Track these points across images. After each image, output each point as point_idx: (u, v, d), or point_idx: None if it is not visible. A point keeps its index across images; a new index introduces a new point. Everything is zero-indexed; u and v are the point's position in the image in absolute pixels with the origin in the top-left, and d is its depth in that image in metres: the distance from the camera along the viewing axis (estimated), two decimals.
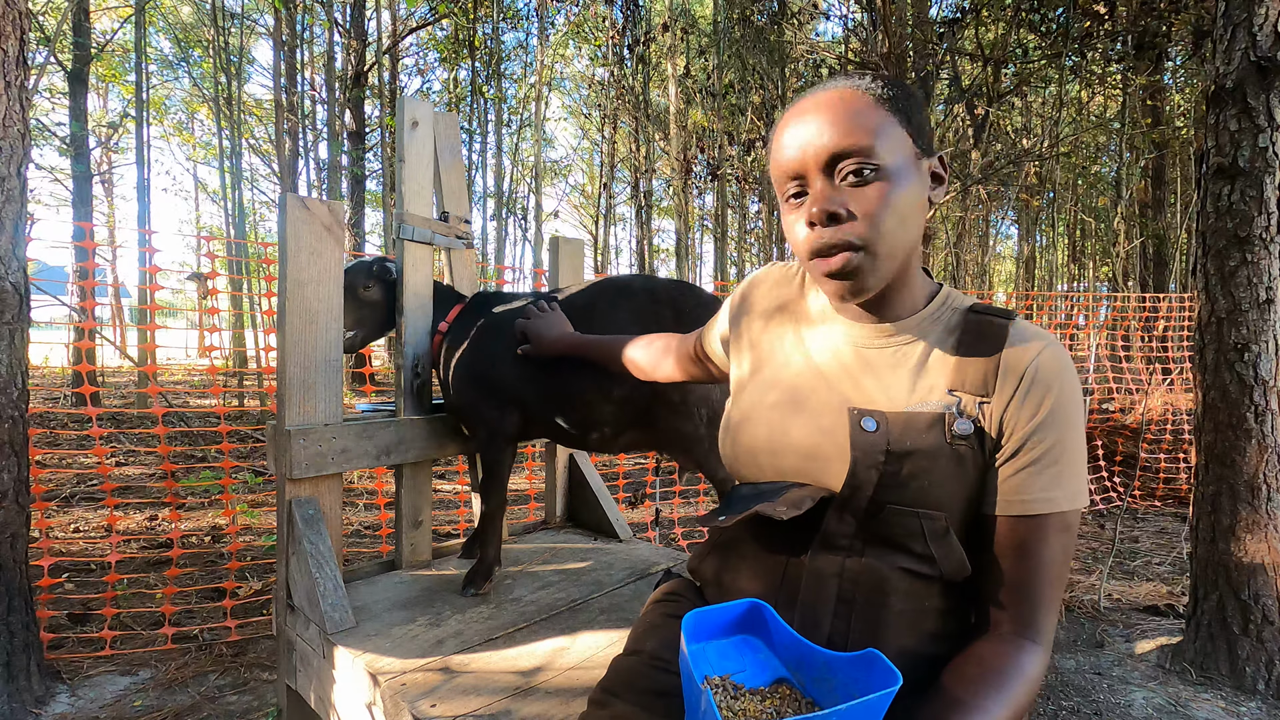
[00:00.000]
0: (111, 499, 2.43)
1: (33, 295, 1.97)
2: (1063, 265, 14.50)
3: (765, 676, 0.69)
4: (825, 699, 0.65)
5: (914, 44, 6.61)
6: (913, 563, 0.70)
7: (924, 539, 0.69)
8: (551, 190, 20.46)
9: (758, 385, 0.80)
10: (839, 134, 0.65)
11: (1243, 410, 2.01)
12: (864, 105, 0.66)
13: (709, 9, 11.29)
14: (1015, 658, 0.66)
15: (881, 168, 0.65)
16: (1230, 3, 2.00)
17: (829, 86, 0.69)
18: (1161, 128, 8.90)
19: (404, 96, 2.37)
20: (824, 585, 0.72)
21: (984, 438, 0.68)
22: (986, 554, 0.70)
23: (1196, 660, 2.11)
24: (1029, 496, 0.67)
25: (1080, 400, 0.69)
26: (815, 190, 0.67)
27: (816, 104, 0.68)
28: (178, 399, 7.80)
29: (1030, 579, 0.68)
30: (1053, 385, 0.67)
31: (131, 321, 10.00)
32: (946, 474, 0.68)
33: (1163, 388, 4.52)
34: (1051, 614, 0.68)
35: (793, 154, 0.68)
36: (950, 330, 0.73)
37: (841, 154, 0.65)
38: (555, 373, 1.61)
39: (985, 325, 0.71)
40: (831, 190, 0.66)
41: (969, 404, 0.68)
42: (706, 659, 0.69)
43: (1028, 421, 0.67)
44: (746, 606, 0.71)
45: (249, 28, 10.61)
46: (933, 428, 0.68)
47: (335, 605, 1.43)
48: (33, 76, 3.47)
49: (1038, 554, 0.67)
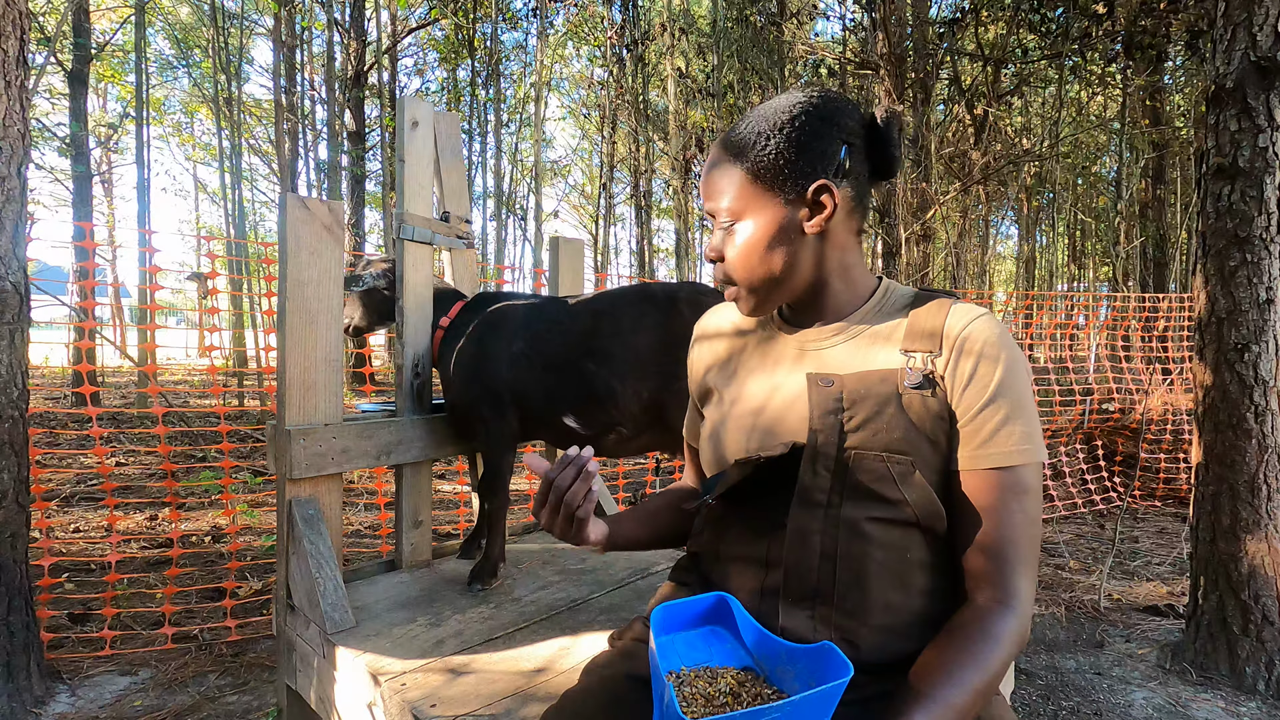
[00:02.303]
0: (111, 499, 2.43)
1: (33, 295, 1.97)
2: (1063, 265, 14.51)
3: (732, 666, 0.73)
4: (788, 688, 0.68)
5: (914, 44, 6.61)
6: (887, 510, 0.73)
7: (894, 482, 0.73)
8: (551, 190, 20.46)
9: (729, 400, 0.87)
10: (707, 197, 0.81)
11: (1243, 410, 2.01)
12: (721, 163, 0.79)
13: (707, 9, 11.29)
14: (988, 624, 0.68)
15: (736, 222, 0.79)
16: (1230, 3, 2.00)
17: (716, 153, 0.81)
18: (1161, 128, 8.90)
19: (404, 96, 2.37)
20: (807, 541, 0.75)
21: (936, 388, 0.74)
22: (956, 512, 0.74)
23: (1196, 660, 2.11)
24: (982, 451, 0.72)
25: (1021, 362, 0.75)
26: (711, 237, 0.82)
27: (705, 170, 0.83)
28: (178, 399, 7.79)
29: (996, 538, 0.71)
30: (990, 350, 0.74)
31: (131, 321, 10.00)
32: (904, 421, 0.73)
33: (1163, 388, 4.51)
34: (1023, 577, 0.71)
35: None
36: (896, 312, 0.81)
37: (712, 213, 0.81)
38: (572, 373, 1.62)
39: (929, 302, 0.80)
40: (716, 239, 0.81)
41: (919, 360, 0.75)
42: (675, 650, 0.73)
43: (969, 382, 0.73)
44: (714, 600, 0.74)
45: (248, 28, 10.61)
46: (886, 380, 0.75)
47: (335, 605, 1.43)
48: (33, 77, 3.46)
49: (998, 511, 0.71)
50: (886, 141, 0.79)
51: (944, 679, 0.64)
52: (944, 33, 6.50)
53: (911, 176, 6.35)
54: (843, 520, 0.74)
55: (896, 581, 0.73)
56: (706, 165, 0.82)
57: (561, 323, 1.69)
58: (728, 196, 0.79)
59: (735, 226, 0.79)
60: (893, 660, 0.73)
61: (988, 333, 0.74)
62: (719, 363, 0.91)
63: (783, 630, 0.75)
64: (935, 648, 0.68)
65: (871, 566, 0.73)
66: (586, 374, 1.60)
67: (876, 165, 0.81)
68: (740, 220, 0.78)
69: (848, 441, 0.74)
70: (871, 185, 0.84)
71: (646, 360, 1.57)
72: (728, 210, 0.79)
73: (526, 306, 1.77)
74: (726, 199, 0.79)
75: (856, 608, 0.73)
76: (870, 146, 0.80)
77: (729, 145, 0.79)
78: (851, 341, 0.80)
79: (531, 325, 1.71)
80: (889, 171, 0.81)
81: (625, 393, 1.57)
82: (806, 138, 0.75)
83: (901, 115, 0.91)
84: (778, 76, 7.89)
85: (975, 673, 0.65)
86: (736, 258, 0.79)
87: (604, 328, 1.62)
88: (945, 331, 0.76)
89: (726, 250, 0.80)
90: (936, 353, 0.75)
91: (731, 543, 0.83)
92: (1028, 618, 0.70)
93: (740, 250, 0.78)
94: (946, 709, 0.62)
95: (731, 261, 0.80)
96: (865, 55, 6.83)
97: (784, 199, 0.77)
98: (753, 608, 0.76)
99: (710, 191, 0.81)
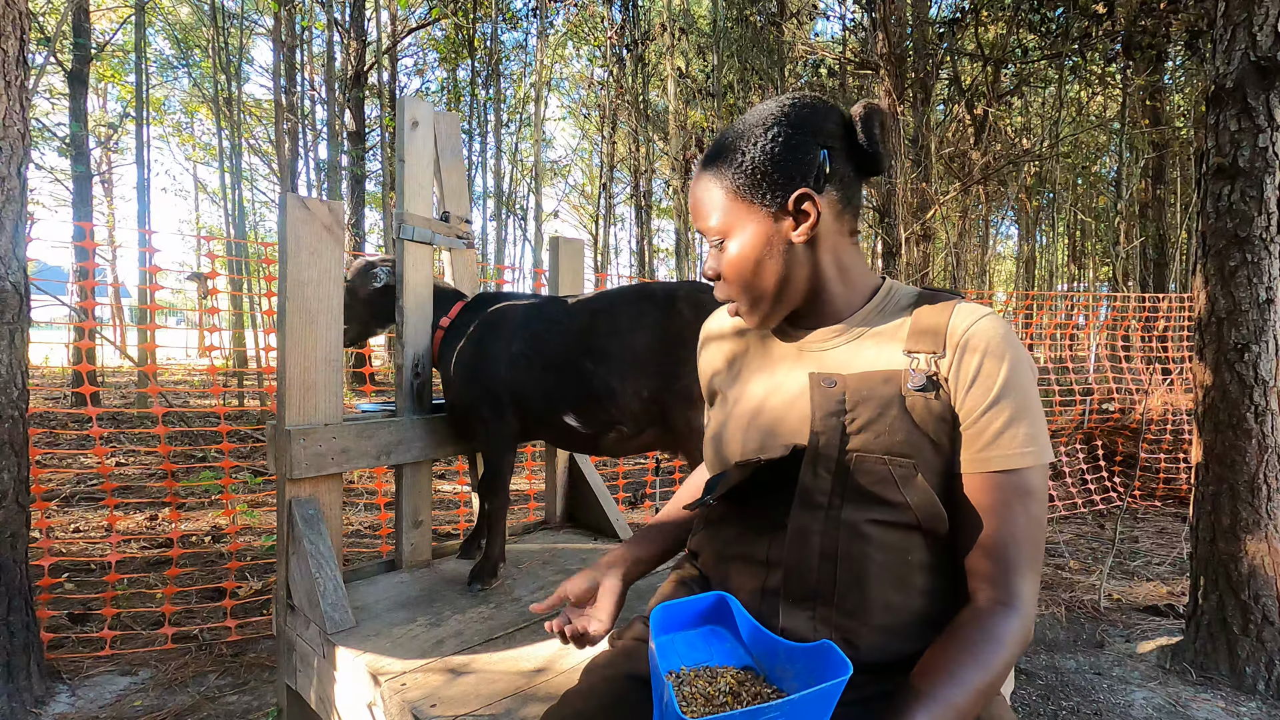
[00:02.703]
0: (111, 499, 2.43)
1: (33, 295, 1.97)
2: (1063, 265, 14.50)
3: (732, 665, 0.73)
4: (787, 687, 0.68)
5: (914, 44, 6.61)
6: (888, 513, 0.73)
7: (895, 485, 0.72)
8: (551, 190, 20.46)
9: (731, 401, 0.88)
10: (695, 217, 0.82)
11: (1243, 410, 2.01)
12: (705, 186, 0.80)
13: (707, 9, 11.29)
14: (990, 625, 0.68)
15: (725, 240, 0.79)
16: (1230, 3, 2.00)
17: (698, 172, 0.82)
18: (1161, 128, 8.90)
19: (404, 96, 2.37)
20: (807, 542, 0.74)
21: (940, 390, 0.74)
22: (958, 514, 0.74)
23: (1196, 660, 2.11)
24: (986, 454, 0.72)
25: (1027, 362, 0.74)
26: (707, 256, 0.83)
27: (691, 191, 0.83)
28: (178, 399, 7.79)
29: (999, 541, 0.71)
30: (994, 349, 0.73)
31: (131, 321, 10.00)
32: (907, 422, 0.73)
33: (1163, 388, 4.51)
34: (1025, 580, 0.70)
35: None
36: (899, 312, 0.80)
37: (704, 233, 0.81)
38: (572, 371, 1.62)
39: (933, 301, 0.79)
40: (712, 257, 0.82)
41: (923, 361, 0.75)
42: (675, 650, 0.73)
43: (973, 383, 0.73)
44: (713, 599, 0.74)
45: (248, 28, 10.60)
46: (889, 381, 0.75)
47: (335, 605, 1.43)
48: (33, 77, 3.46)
49: (1002, 514, 0.71)
50: (868, 139, 0.78)
51: (946, 679, 0.64)
52: (944, 33, 6.50)
53: (911, 176, 6.35)
54: (843, 522, 0.73)
55: (897, 582, 0.73)
56: (692, 186, 0.83)
57: (561, 322, 1.69)
58: (715, 216, 0.79)
59: (726, 244, 0.79)
60: (893, 660, 0.73)
61: (992, 332, 0.74)
62: (724, 364, 0.91)
63: (783, 630, 0.75)
64: (937, 648, 0.68)
65: (871, 568, 0.73)
66: (586, 373, 1.60)
67: (861, 163, 0.80)
68: (729, 238, 0.79)
69: (850, 443, 0.74)
70: (862, 182, 0.83)
71: (646, 359, 1.57)
72: (716, 229, 0.79)
73: (526, 306, 1.77)
74: (714, 218, 0.79)
75: (856, 608, 0.73)
76: (852, 146, 0.79)
77: (709, 164, 0.80)
78: (854, 342, 0.80)
79: (531, 325, 1.71)
80: (876, 168, 0.80)
81: (625, 391, 1.58)
82: (782, 149, 0.75)
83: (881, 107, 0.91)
84: (778, 76, 7.89)
85: (977, 673, 0.65)
86: (731, 275, 0.80)
87: (603, 326, 1.62)
88: (949, 332, 0.75)
89: (722, 268, 0.81)
90: (940, 353, 0.75)
91: (732, 543, 0.83)
92: (1030, 619, 0.70)
93: (733, 267, 0.79)
94: (948, 709, 0.62)
95: (728, 279, 0.81)
96: (865, 55, 6.83)
97: (768, 211, 0.77)
98: (753, 608, 0.76)
99: (697, 212, 0.81)
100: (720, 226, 0.79)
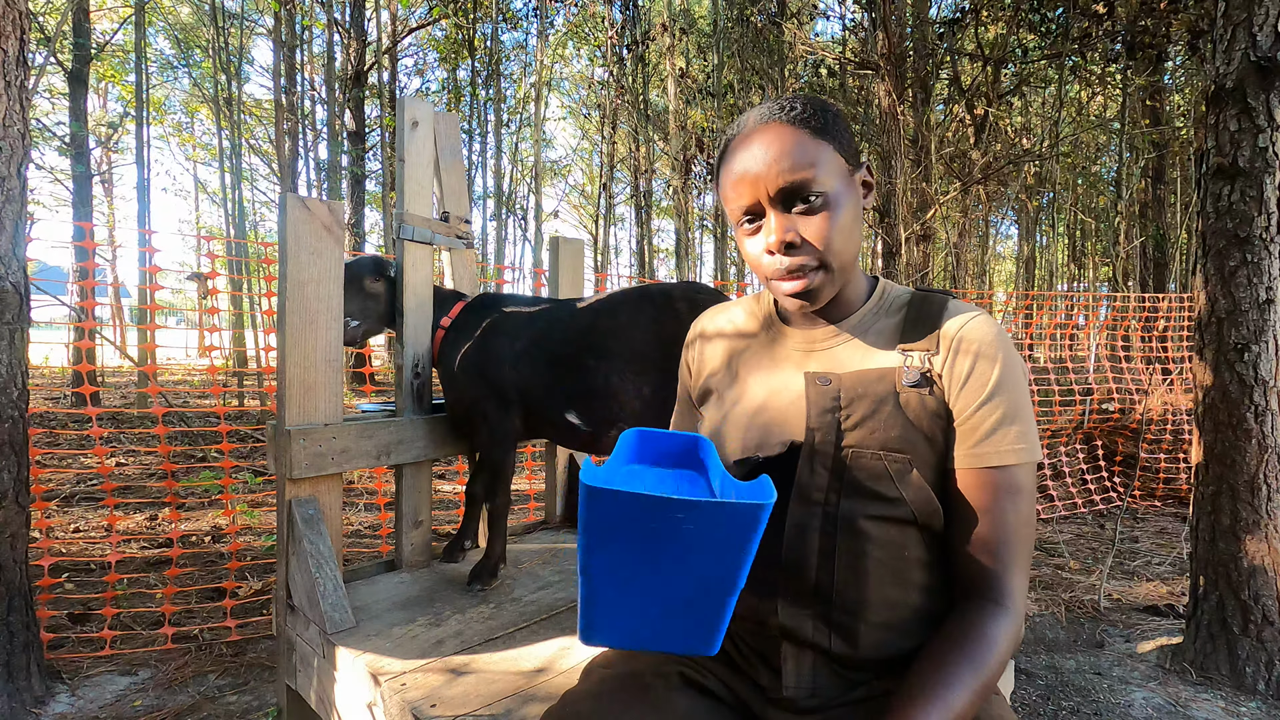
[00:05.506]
0: (111, 499, 2.43)
1: (33, 295, 1.97)
2: (1063, 265, 14.51)
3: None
4: None
5: (914, 44, 6.61)
6: (885, 508, 0.73)
7: (891, 480, 0.73)
8: (551, 190, 20.47)
9: (729, 401, 0.87)
10: (785, 170, 0.71)
11: (1243, 410, 2.01)
12: (802, 139, 0.72)
13: (707, 9, 11.28)
14: (982, 625, 0.69)
15: (825, 195, 0.72)
16: (1230, 3, 2.00)
17: (767, 118, 0.74)
18: (1161, 128, 8.90)
19: (404, 96, 2.37)
20: (805, 538, 0.75)
21: (934, 386, 0.75)
22: (950, 511, 0.74)
23: (1196, 660, 2.11)
24: (979, 450, 0.73)
25: (1017, 362, 0.75)
26: (771, 222, 0.74)
27: (760, 140, 0.73)
28: (178, 399, 7.79)
29: (990, 538, 0.71)
30: (987, 350, 0.74)
31: (131, 321, 9.99)
32: (901, 418, 0.74)
33: (1163, 388, 4.51)
34: (1015, 577, 0.71)
35: (745, 189, 0.74)
36: (895, 312, 0.81)
37: (789, 188, 0.72)
38: (574, 368, 1.65)
39: (926, 302, 0.80)
40: (786, 221, 0.73)
41: (917, 359, 0.76)
42: (644, 482, 0.71)
43: (966, 381, 0.74)
44: (691, 438, 0.75)
45: (248, 28, 10.60)
46: (883, 378, 0.76)
47: (335, 605, 1.43)
48: (33, 77, 3.46)
49: (992, 511, 0.72)
50: None
51: (941, 680, 0.64)
52: (944, 33, 6.50)
53: (911, 176, 6.35)
54: (840, 518, 0.74)
55: (895, 578, 0.74)
56: (767, 139, 0.73)
57: (562, 321, 1.72)
58: (821, 171, 0.72)
59: (827, 203, 0.72)
60: (892, 657, 0.73)
61: (985, 332, 0.75)
62: (722, 364, 0.91)
63: (782, 627, 0.75)
64: (931, 649, 0.69)
65: (869, 564, 0.73)
66: (587, 371, 1.63)
67: None
68: (834, 197, 0.73)
69: (845, 440, 0.74)
70: None
71: (645, 357, 1.59)
72: (821, 186, 0.72)
73: (528, 306, 1.80)
74: (820, 173, 0.72)
75: (855, 604, 0.73)
76: None
77: (807, 120, 0.73)
78: (852, 341, 0.80)
79: (534, 324, 1.73)
80: None
81: (626, 389, 1.60)
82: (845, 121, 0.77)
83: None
84: (778, 76, 7.89)
85: (972, 673, 0.65)
86: (831, 237, 0.73)
87: (603, 325, 1.65)
88: (943, 331, 0.76)
89: (808, 230, 0.73)
90: (934, 351, 0.76)
91: None
92: (1021, 616, 0.71)
93: (836, 228, 0.73)
94: (945, 710, 0.62)
95: (821, 244, 0.73)
96: (865, 55, 6.83)
97: (860, 178, 0.78)
98: (751, 605, 0.76)
99: (790, 165, 0.71)
100: (829, 185, 0.72)
